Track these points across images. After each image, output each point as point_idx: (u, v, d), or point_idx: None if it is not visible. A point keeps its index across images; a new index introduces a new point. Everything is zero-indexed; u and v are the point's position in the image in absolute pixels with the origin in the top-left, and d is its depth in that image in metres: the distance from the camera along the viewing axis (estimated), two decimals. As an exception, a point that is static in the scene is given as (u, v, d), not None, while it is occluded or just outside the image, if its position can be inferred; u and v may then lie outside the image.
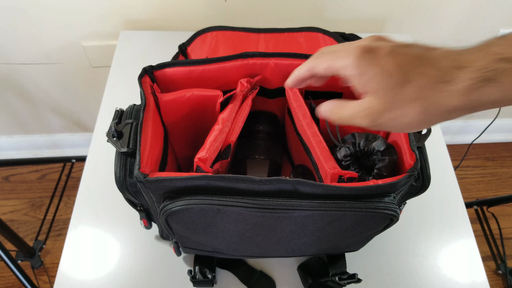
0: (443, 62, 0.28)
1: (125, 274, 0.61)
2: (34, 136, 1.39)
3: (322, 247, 0.53)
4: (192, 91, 0.52)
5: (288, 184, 0.40)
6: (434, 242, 0.65)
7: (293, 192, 0.41)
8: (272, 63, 0.55)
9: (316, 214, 0.42)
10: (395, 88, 0.29)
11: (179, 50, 0.81)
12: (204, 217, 0.43)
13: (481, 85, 0.26)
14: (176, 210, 0.41)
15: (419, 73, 0.29)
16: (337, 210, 0.41)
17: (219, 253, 0.55)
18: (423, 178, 0.46)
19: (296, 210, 0.41)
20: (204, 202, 0.40)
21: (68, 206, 1.36)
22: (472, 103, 0.27)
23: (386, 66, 0.30)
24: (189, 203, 0.40)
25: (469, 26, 1.04)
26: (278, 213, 0.42)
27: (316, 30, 0.87)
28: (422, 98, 0.29)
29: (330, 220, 0.43)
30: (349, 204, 0.41)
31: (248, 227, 0.44)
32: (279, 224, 0.44)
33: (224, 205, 0.41)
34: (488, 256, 1.28)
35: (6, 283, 1.22)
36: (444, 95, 0.28)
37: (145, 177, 0.41)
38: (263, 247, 0.51)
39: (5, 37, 0.99)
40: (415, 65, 0.29)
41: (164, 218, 0.43)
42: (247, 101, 0.55)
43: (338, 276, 0.56)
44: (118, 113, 0.49)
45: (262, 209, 0.41)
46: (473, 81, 0.27)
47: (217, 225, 0.44)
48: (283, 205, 0.41)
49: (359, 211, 0.41)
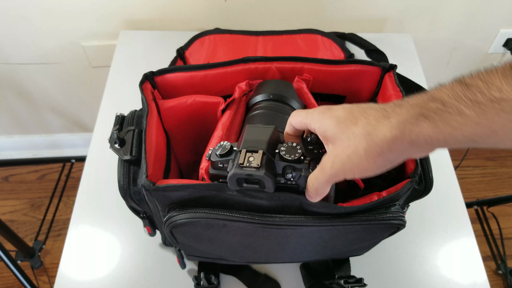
0: (387, 105, 0.32)
1: (125, 276, 0.61)
2: (33, 136, 1.39)
3: (327, 254, 0.53)
4: (193, 98, 0.52)
5: (295, 201, 0.40)
6: (434, 242, 0.65)
7: (299, 208, 0.40)
8: (274, 67, 0.55)
9: (323, 229, 0.42)
10: (347, 131, 0.33)
11: (177, 54, 0.81)
12: (209, 230, 0.42)
13: (414, 119, 0.29)
14: (181, 223, 0.41)
15: (366, 114, 0.33)
16: (344, 225, 0.41)
17: (223, 260, 0.55)
18: (426, 181, 0.46)
19: (302, 226, 0.41)
20: (210, 217, 0.40)
21: (68, 206, 1.36)
22: (409, 136, 0.30)
23: (340, 115, 0.35)
24: (194, 216, 0.40)
25: (469, 26, 1.04)
26: (284, 230, 0.41)
27: (315, 32, 0.87)
28: (367, 133, 0.32)
29: (338, 233, 0.43)
30: (356, 218, 0.41)
31: (253, 239, 0.44)
32: (285, 238, 0.44)
33: (229, 220, 0.40)
34: (488, 256, 1.28)
35: (5, 283, 1.22)
36: (383, 128, 0.31)
37: (153, 185, 0.40)
38: (268, 255, 0.51)
39: (5, 37, 0.99)
40: (364, 110, 0.33)
41: (169, 229, 0.43)
42: (241, 104, 0.54)
43: (344, 279, 0.56)
44: (119, 119, 0.48)
45: (269, 225, 0.40)
46: (407, 116, 0.30)
47: (222, 238, 0.44)
48: (289, 221, 0.40)
49: (367, 224, 0.41)
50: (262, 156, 0.38)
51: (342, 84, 0.56)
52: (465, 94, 0.27)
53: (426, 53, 1.10)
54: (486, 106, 0.26)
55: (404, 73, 0.56)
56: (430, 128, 0.28)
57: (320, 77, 0.55)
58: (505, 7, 1.00)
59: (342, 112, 0.35)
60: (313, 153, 0.40)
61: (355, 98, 0.58)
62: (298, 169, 0.39)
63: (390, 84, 0.52)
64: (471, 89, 0.27)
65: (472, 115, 0.26)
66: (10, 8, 0.92)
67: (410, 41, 0.94)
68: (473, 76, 0.27)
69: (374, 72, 0.54)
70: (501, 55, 1.14)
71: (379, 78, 0.55)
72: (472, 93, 0.26)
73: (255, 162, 0.38)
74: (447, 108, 0.28)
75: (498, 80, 0.25)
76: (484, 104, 0.26)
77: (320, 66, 0.54)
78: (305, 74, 0.55)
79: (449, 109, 0.27)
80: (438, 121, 0.28)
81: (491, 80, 0.26)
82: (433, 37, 1.06)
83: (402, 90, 0.50)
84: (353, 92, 0.57)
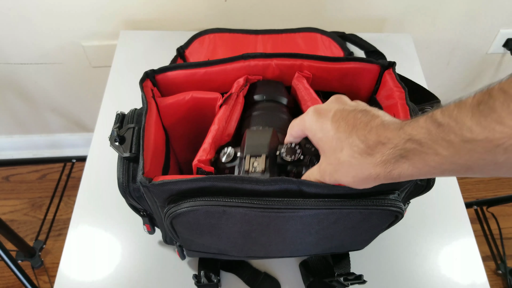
0: (370, 135, 0.33)
1: (125, 275, 0.61)
2: (34, 136, 1.39)
3: (327, 246, 0.53)
4: (191, 94, 0.52)
5: (293, 184, 0.40)
6: (434, 242, 0.66)
7: (298, 192, 0.41)
8: (274, 64, 0.55)
9: (322, 213, 0.42)
10: (335, 153, 0.36)
11: (177, 53, 0.81)
12: (209, 219, 0.43)
13: (395, 160, 0.31)
14: (181, 212, 0.41)
15: (350, 144, 0.34)
16: (343, 209, 0.41)
17: (223, 255, 0.55)
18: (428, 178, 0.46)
19: (301, 209, 0.41)
20: (209, 204, 0.40)
21: (69, 206, 1.36)
22: (391, 174, 0.32)
23: (328, 130, 0.37)
24: (194, 205, 0.40)
25: (469, 26, 1.05)
26: (283, 213, 0.41)
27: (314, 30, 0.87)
28: (353, 165, 0.35)
29: (336, 218, 0.43)
30: (354, 202, 0.41)
31: (253, 227, 0.44)
32: (284, 224, 0.44)
33: (229, 206, 0.40)
34: (488, 256, 1.28)
35: (6, 283, 1.22)
36: (367, 165, 0.33)
37: (149, 182, 0.40)
38: (268, 248, 0.51)
39: (5, 37, 0.99)
40: (349, 134, 0.35)
41: (169, 221, 0.43)
42: (238, 99, 0.55)
43: (343, 276, 0.56)
44: (119, 117, 0.48)
45: (268, 209, 0.41)
46: (389, 156, 0.32)
47: (222, 226, 0.44)
48: (288, 204, 0.40)
49: (364, 209, 0.41)
50: (266, 160, 0.41)
51: (341, 81, 0.56)
52: (439, 135, 0.28)
53: (426, 53, 1.10)
54: (460, 147, 0.27)
55: (404, 73, 0.56)
56: (410, 168, 0.31)
57: (319, 74, 0.55)
58: (505, 7, 1.00)
59: (330, 129, 0.37)
60: (311, 151, 0.43)
61: (354, 95, 0.58)
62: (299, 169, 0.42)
63: (391, 80, 0.52)
64: (444, 129, 0.28)
65: (447, 155, 0.28)
66: (10, 8, 0.92)
67: (410, 41, 0.94)
68: (445, 114, 0.28)
69: (373, 69, 0.54)
70: (501, 55, 1.14)
71: (378, 76, 0.55)
72: (446, 134, 0.28)
73: (260, 167, 0.41)
74: (424, 149, 0.29)
75: (469, 120, 0.26)
76: (458, 144, 0.27)
77: (319, 63, 0.55)
78: (305, 71, 0.55)
79: (426, 150, 0.29)
80: (417, 161, 0.30)
81: (462, 120, 0.27)
82: (433, 37, 1.07)
83: (404, 86, 0.50)
84: (352, 89, 0.57)
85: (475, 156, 0.26)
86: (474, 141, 0.26)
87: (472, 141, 0.26)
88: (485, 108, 0.25)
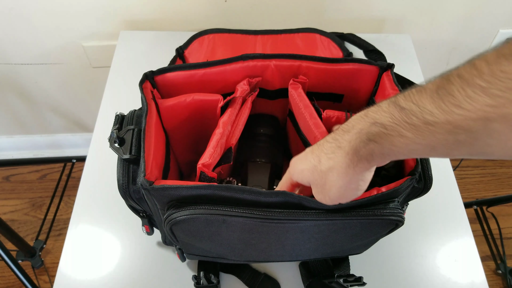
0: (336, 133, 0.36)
1: (125, 275, 0.61)
2: (34, 136, 1.39)
3: (327, 252, 0.53)
4: (192, 96, 0.52)
5: (294, 198, 0.40)
6: (433, 242, 0.66)
7: (298, 204, 0.41)
8: (273, 65, 0.55)
9: (323, 224, 0.42)
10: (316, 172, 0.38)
11: (176, 54, 0.81)
12: (209, 227, 0.43)
13: (364, 144, 0.33)
14: (181, 220, 0.41)
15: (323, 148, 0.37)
16: (343, 220, 0.41)
17: (223, 259, 0.55)
18: (425, 180, 0.46)
19: (302, 220, 0.41)
20: (210, 212, 0.40)
21: (69, 206, 1.37)
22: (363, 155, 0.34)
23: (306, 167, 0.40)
24: (194, 212, 0.40)
25: (469, 26, 1.05)
26: (283, 223, 0.42)
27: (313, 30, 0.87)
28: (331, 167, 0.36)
29: (336, 228, 0.43)
30: (354, 212, 0.41)
31: (253, 235, 0.44)
32: (284, 233, 0.44)
33: (229, 215, 0.40)
34: (487, 256, 1.28)
35: (6, 283, 1.22)
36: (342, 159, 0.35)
37: (150, 185, 0.40)
38: (267, 253, 0.51)
39: (6, 37, 1.00)
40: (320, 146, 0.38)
41: (169, 227, 0.43)
42: (246, 104, 0.55)
43: (343, 278, 0.56)
44: (119, 118, 0.48)
45: (268, 220, 0.41)
46: (357, 141, 0.34)
47: (222, 234, 0.44)
48: (289, 215, 0.40)
49: (365, 219, 0.41)
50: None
51: (340, 82, 0.56)
52: (402, 118, 0.30)
53: (426, 54, 1.10)
54: (422, 129, 0.29)
55: (403, 73, 0.56)
56: (379, 148, 0.32)
57: (318, 75, 0.55)
58: (505, 7, 1.00)
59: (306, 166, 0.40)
60: None
61: (353, 96, 0.58)
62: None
63: (388, 83, 0.52)
64: (407, 113, 0.29)
65: (411, 136, 0.29)
66: (10, 8, 0.92)
67: (409, 42, 0.94)
68: (407, 99, 0.30)
69: (372, 71, 0.54)
70: (500, 55, 1.14)
71: (376, 77, 0.55)
72: (408, 117, 0.29)
73: None
74: (388, 131, 0.31)
75: (429, 103, 0.28)
76: (420, 127, 0.29)
77: (318, 64, 0.55)
78: (301, 76, 0.55)
79: (391, 132, 0.31)
80: (384, 142, 0.32)
81: (423, 104, 0.28)
82: (432, 37, 1.07)
83: (401, 89, 0.50)
84: (351, 90, 0.57)
85: (438, 137, 0.28)
86: (435, 123, 0.28)
87: (433, 123, 0.28)
88: (444, 93, 0.27)
